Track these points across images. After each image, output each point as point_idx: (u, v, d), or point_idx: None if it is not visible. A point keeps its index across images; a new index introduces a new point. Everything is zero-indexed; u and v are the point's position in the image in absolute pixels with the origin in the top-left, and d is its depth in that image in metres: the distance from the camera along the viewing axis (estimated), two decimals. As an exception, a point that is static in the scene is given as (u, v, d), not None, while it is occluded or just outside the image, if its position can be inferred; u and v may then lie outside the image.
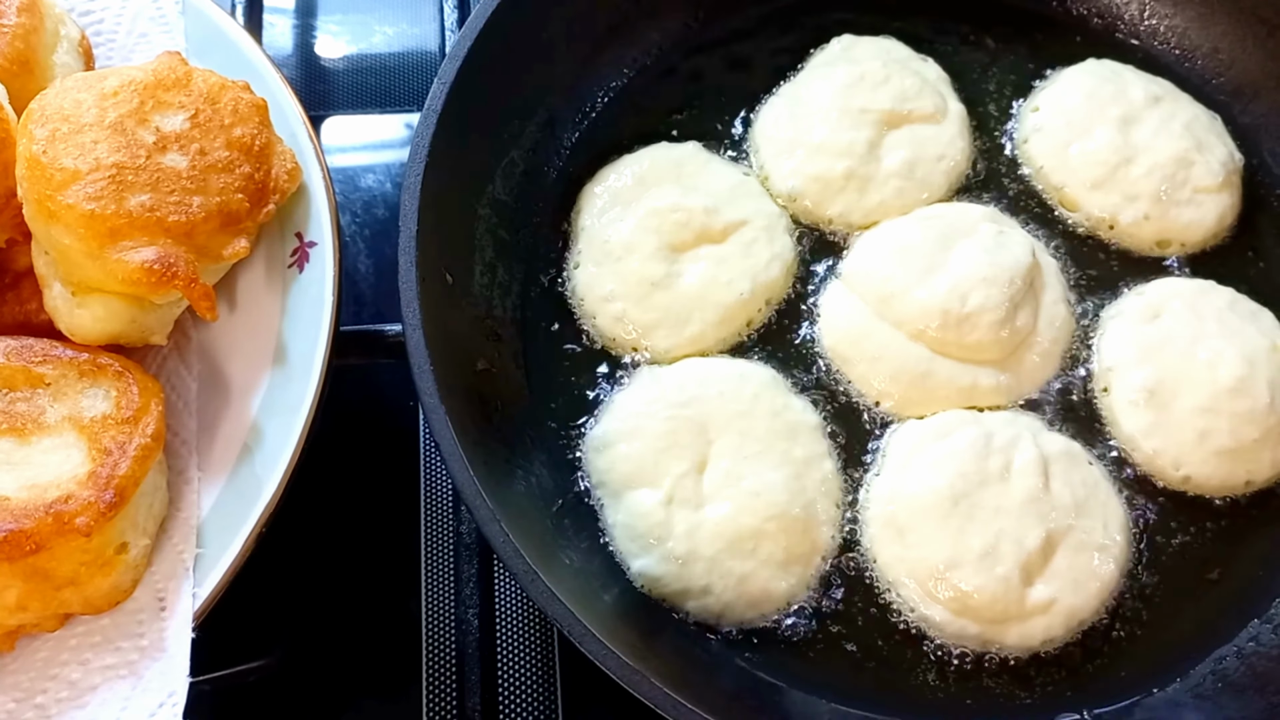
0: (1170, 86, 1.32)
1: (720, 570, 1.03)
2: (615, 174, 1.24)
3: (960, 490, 1.06)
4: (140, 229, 0.95)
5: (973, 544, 1.04)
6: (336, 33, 1.63)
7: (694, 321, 1.16)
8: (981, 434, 1.09)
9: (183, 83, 1.04)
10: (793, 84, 1.33)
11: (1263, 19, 1.34)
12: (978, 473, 1.07)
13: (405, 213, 1.04)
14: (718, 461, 1.07)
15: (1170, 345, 1.15)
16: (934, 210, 1.24)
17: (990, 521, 1.05)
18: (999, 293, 1.14)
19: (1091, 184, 1.26)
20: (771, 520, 1.05)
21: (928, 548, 1.05)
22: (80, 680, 0.92)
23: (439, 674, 1.15)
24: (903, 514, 1.07)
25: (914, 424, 1.13)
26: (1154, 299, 1.19)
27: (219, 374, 1.06)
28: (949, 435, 1.10)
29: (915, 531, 1.06)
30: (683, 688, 0.86)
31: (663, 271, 1.17)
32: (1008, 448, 1.09)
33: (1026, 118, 1.33)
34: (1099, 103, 1.29)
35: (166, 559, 0.96)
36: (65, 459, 0.91)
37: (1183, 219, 1.24)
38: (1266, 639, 1.06)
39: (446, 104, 1.10)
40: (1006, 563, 1.03)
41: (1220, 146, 1.28)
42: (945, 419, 1.12)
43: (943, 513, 1.05)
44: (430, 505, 1.24)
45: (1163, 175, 1.24)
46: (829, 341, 1.17)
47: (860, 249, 1.22)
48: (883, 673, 1.04)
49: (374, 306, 1.38)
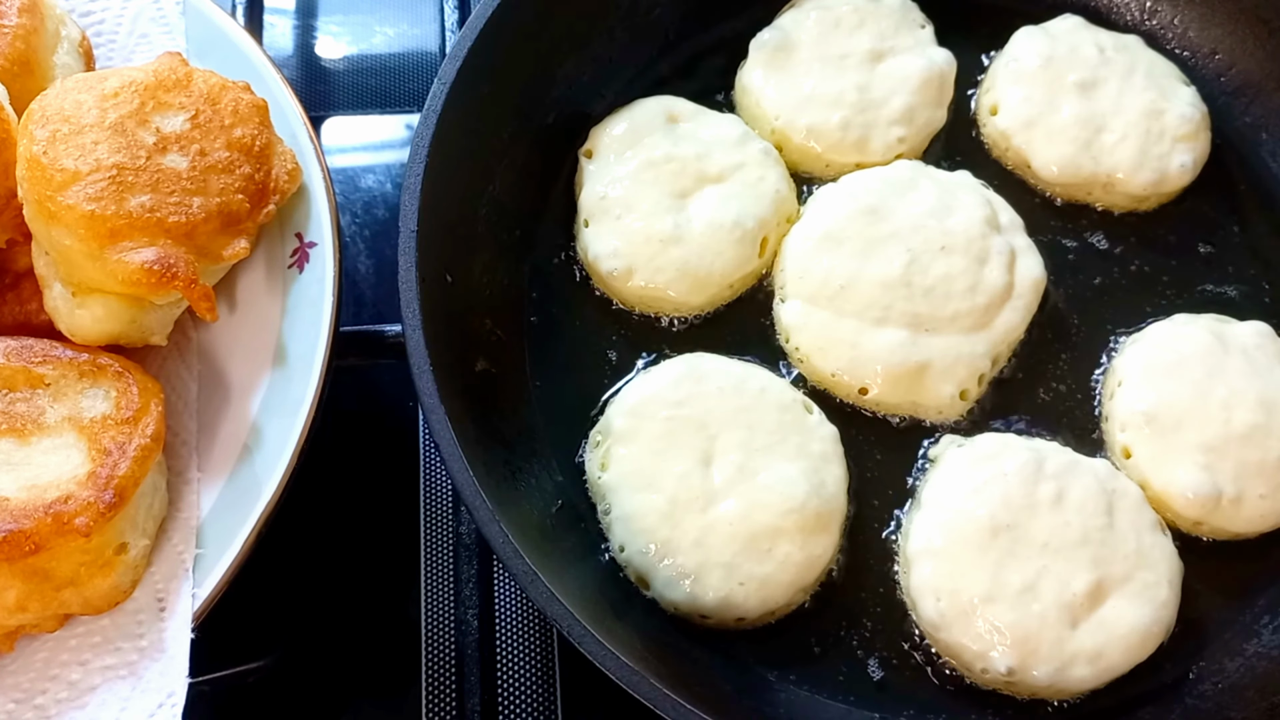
0: (1117, 36, 1.33)
1: (740, 575, 1.01)
2: (606, 134, 1.25)
3: (1003, 521, 1.02)
4: (140, 230, 0.95)
5: (1011, 580, 1.00)
6: (337, 33, 1.63)
7: (711, 264, 1.17)
8: (1033, 459, 1.06)
9: (183, 83, 1.04)
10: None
11: (1263, 19, 1.34)
12: (1025, 499, 1.03)
13: (405, 213, 1.04)
14: (725, 456, 1.05)
15: (1184, 373, 1.11)
16: (858, 182, 1.22)
17: (1034, 558, 1.01)
18: (960, 260, 1.14)
19: (1064, 162, 1.25)
20: (790, 515, 1.02)
21: (964, 579, 1.01)
22: (80, 681, 0.92)
23: (439, 674, 1.15)
24: (939, 540, 1.03)
25: (958, 442, 1.11)
26: (1180, 324, 1.16)
27: (219, 374, 1.06)
28: (996, 457, 1.06)
29: (952, 560, 1.02)
30: (682, 688, 0.86)
31: (670, 223, 1.18)
32: (1062, 474, 1.05)
33: (982, 100, 1.33)
34: (1056, 71, 1.28)
35: (166, 559, 0.96)
36: (65, 459, 0.91)
37: (1170, 168, 1.24)
38: (1267, 639, 1.07)
39: (447, 104, 1.10)
40: (1045, 600, 0.99)
41: (1182, 88, 1.29)
42: (992, 440, 1.10)
43: (981, 545, 1.01)
44: (430, 505, 1.24)
45: (1138, 134, 1.24)
46: (815, 364, 1.15)
47: (789, 251, 1.19)
48: (889, 676, 1.04)
49: (374, 307, 1.38)
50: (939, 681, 1.03)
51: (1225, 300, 1.23)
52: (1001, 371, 1.17)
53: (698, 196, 1.21)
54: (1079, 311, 1.22)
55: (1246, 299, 1.23)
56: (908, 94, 1.26)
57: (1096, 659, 0.99)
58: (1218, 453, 1.07)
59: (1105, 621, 1.00)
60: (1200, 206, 1.29)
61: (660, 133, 1.24)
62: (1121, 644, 0.99)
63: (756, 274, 1.22)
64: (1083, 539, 1.02)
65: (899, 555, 1.08)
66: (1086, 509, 1.03)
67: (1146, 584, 1.01)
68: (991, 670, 1.00)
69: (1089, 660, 0.99)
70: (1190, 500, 1.07)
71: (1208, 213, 1.28)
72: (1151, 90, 1.27)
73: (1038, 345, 1.19)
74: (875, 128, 1.25)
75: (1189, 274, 1.25)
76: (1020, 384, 1.17)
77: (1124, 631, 0.99)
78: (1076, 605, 1.00)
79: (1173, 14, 1.39)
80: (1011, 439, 1.10)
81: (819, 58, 1.28)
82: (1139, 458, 1.10)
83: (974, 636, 1.00)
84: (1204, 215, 1.28)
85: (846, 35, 1.29)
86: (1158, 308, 1.21)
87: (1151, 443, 1.09)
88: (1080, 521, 1.02)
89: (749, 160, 1.23)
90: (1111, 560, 1.01)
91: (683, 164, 1.21)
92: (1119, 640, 0.99)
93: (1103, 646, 0.99)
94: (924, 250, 1.15)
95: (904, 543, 1.08)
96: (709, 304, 1.20)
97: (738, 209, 1.19)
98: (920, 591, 1.03)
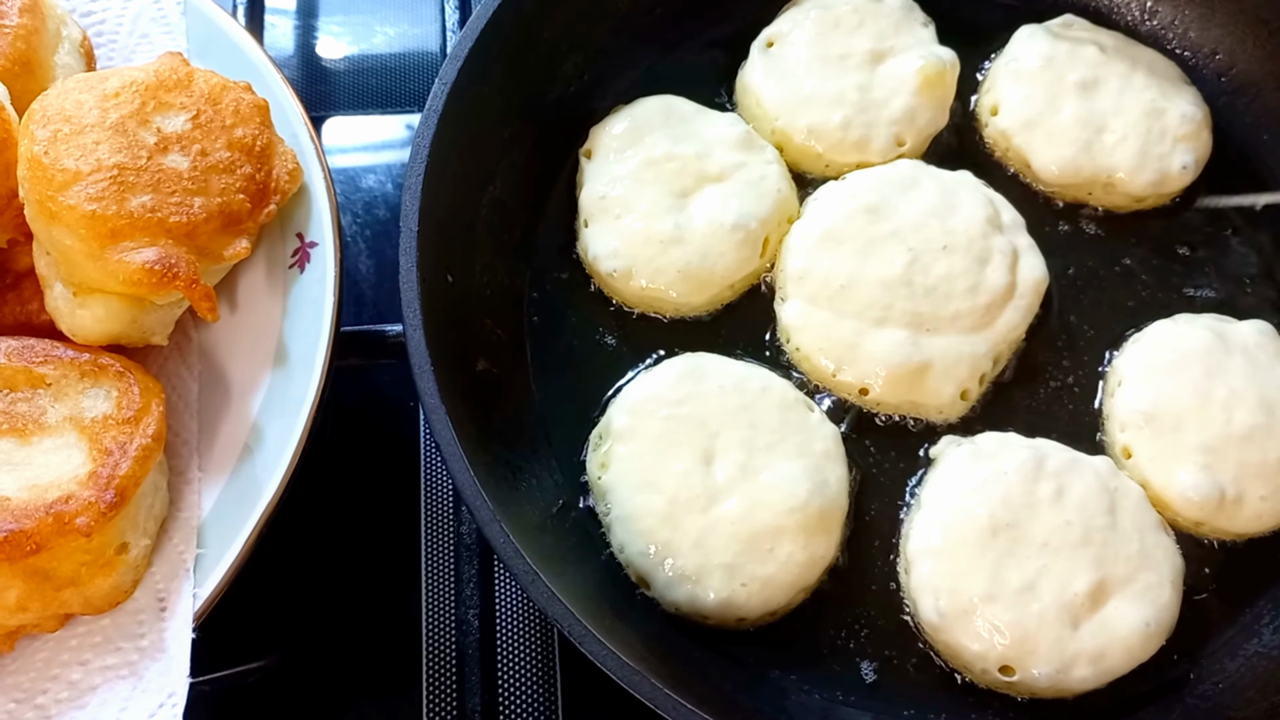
0: (1118, 36, 1.33)
1: (741, 576, 1.00)
2: (606, 133, 1.25)
3: (1002, 520, 1.02)
4: (141, 230, 0.95)
5: (1011, 579, 0.99)
6: (338, 33, 1.63)
7: (712, 265, 1.16)
8: (1033, 457, 1.05)
9: (184, 84, 1.04)
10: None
11: (1263, 19, 1.34)
12: (1025, 498, 1.03)
13: (406, 213, 1.04)
14: (727, 455, 1.05)
15: (1184, 373, 1.10)
16: (859, 181, 1.22)
17: (1034, 557, 1.00)
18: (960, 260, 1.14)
19: (1064, 162, 1.25)
20: (793, 514, 1.02)
21: (963, 579, 1.00)
22: (80, 681, 0.92)
23: (439, 674, 1.15)
24: (938, 539, 1.03)
25: (958, 441, 1.10)
26: (1181, 324, 1.16)
27: (220, 374, 1.06)
28: (996, 456, 1.06)
29: (951, 559, 1.01)
30: (683, 688, 0.86)
31: (671, 223, 1.17)
32: (1063, 472, 1.04)
33: (983, 100, 1.33)
34: (1056, 71, 1.28)
35: (167, 559, 0.96)
36: (66, 459, 0.91)
37: (1172, 168, 1.24)
38: (1268, 639, 1.07)
39: (447, 104, 1.10)
40: (1045, 600, 0.98)
41: (1184, 87, 1.29)
42: (992, 438, 1.09)
43: (981, 544, 1.01)
44: (430, 505, 1.24)
45: (1139, 134, 1.24)
46: (815, 364, 1.15)
47: (789, 250, 1.19)
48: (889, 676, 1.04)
49: (374, 307, 1.38)
50: (939, 682, 1.03)
51: (1226, 300, 1.23)
52: (1002, 372, 1.17)
53: (699, 196, 1.20)
54: (1080, 311, 1.22)
55: (1248, 299, 1.23)
56: (908, 94, 1.26)
57: (1098, 660, 0.98)
58: (1218, 453, 1.07)
59: (1107, 622, 0.99)
60: (1201, 207, 1.29)
61: (660, 131, 1.24)
62: (1123, 645, 0.99)
63: (758, 274, 1.22)
64: (1084, 539, 1.01)
65: (899, 555, 1.08)
66: (1088, 508, 1.03)
67: (1149, 585, 1.01)
68: (991, 670, 1.00)
69: (1090, 661, 0.98)
70: (1191, 501, 1.06)
71: (1209, 213, 1.28)
72: (1152, 90, 1.27)
73: (1038, 345, 1.19)
74: (876, 127, 1.25)
75: (1190, 274, 1.24)
76: (1021, 383, 1.17)
77: (1125, 633, 0.99)
78: (1078, 605, 0.99)
79: (1173, 14, 1.39)
80: (1012, 437, 1.10)
81: (819, 57, 1.28)
82: (1139, 458, 1.10)
83: (973, 636, 1.00)
84: (1205, 216, 1.28)
85: (847, 35, 1.29)
86: (1159, 307, 1.21)
87: (1152, 443, 1.09)
88: (1081, 521, 1.02)
89: (750, 159, 1.23)
90: (1114, 561, 1.01)
91: (683, 163, 1.21)
92: (1120, 641, 0.99)
93: (1104, 648, 0.99)
94: (925, 250, 1.15)
95: (904, 543, 1.08)
96: (710, 304, 1.20)
97: (739, 209, 1.19)
98: (920, 591, 1.03)
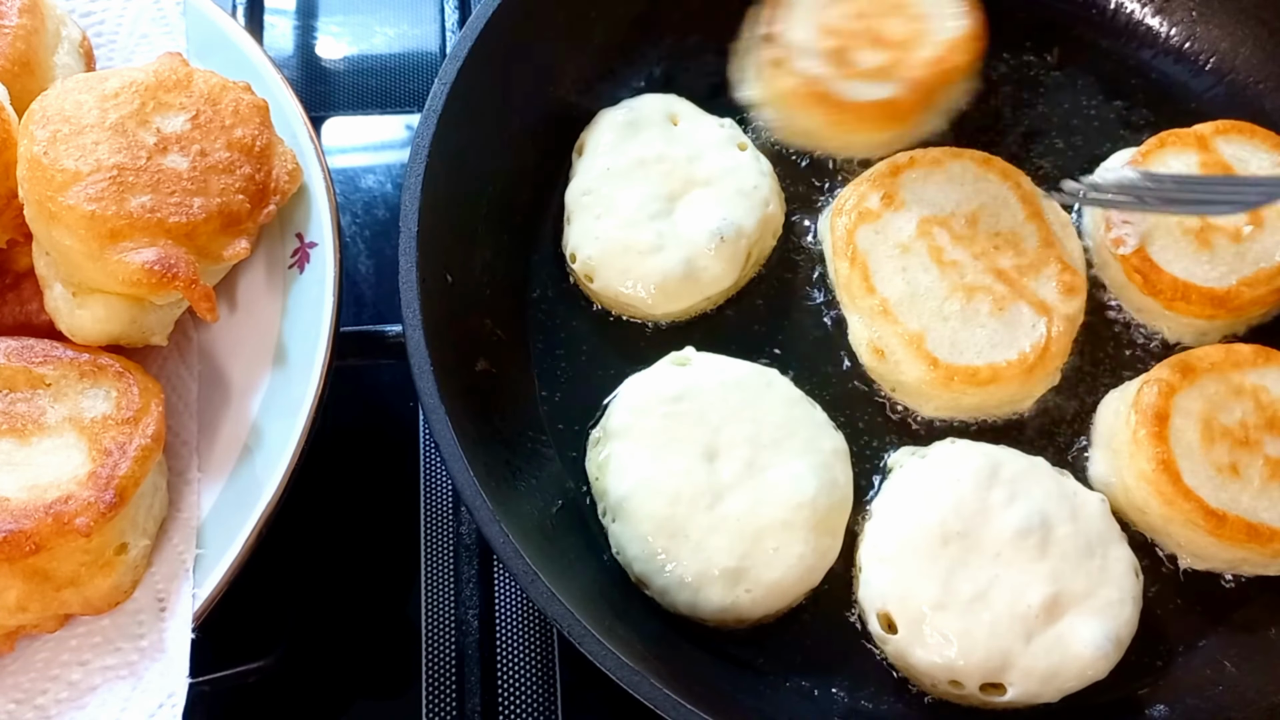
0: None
1: (743, 578, 0.99)
2: (596, 130, 1.23)
3: (953, 528, 0.98)
4: (141, 230, 0.95)
5: (963, 589, 0.96)
6: (337, 34, 1.63)
7: (695, 277, 1.14)
8: (988, 465, 1.02)
9: (184, 84, 1.04)
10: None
11: (1263, 20, 1.34)
12: (977, 504, 0.99)
13: (405, 213, 1.04)
14: (731, 451, 1.03)
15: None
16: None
17: (986, 566, 0.97)
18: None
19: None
20: (801, 509, 1.00)
21: (914, 587, 0.97)
22: (80, 681, 0.92)
23: (439, 675, 1.15)
24: (889, 548, 1.00)
25: (915, 452, 1.09)
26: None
27: (219, 375, 1.06)
28: (949, 463, 1.03)
29: (902, 566, 0.99)
30: (682, 688, 0.86)
31: (651, 230, 1.15)
32: (1018, 479, 1.01)
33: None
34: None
35: (166, 559, 0.96)
36: (65, 459, 0.91)
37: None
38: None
39: (447, 104, 1.10)
40: (996, 610, 0.95)
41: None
42: (947, 449, 1.06)
43: (931, 553, 0.98)
44: (430, 506, 1.24)
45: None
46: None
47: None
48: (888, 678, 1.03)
49: (374, 307, 1.38)
50: (915, 691, 1.02)
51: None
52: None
53: (684, 200, 1.18)
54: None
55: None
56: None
57: (1050, 678, 0.94)
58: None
59: (1062, 638, 0.95)
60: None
61: (656, 130, 1.22)
62: (1077, 663, 0.95)
63: (737, 287, 1.20)
64: (1040, 550, 0.98)
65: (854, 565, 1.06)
66: (1045, 517, 0.99)
67: (1109, 601, 0.96)
68: (940, 682, 0.98)
69: (1041, 678, 0.94)
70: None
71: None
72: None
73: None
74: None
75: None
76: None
77: (1079, 649, 0.95)
78: (1031, 618, 0.95)
79: (1172, 14, 1.39)
80: (966, 444, 1.07)
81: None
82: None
83: (923, 645, 0.97)
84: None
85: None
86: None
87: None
88: (1038, 530, 0.98)
89: (743, 164, 1.21)
90: (1072, 575, 0.97)
91: (674, 165, 1.20)
92: (1073, 659, 0.95)
93: (1057, 665, 0.94)
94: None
95: (856, 552, 1.05)
96: (682, 315, 1.18)
97: (721, 219, 1.16)
98: (869, 601, 1.01)
